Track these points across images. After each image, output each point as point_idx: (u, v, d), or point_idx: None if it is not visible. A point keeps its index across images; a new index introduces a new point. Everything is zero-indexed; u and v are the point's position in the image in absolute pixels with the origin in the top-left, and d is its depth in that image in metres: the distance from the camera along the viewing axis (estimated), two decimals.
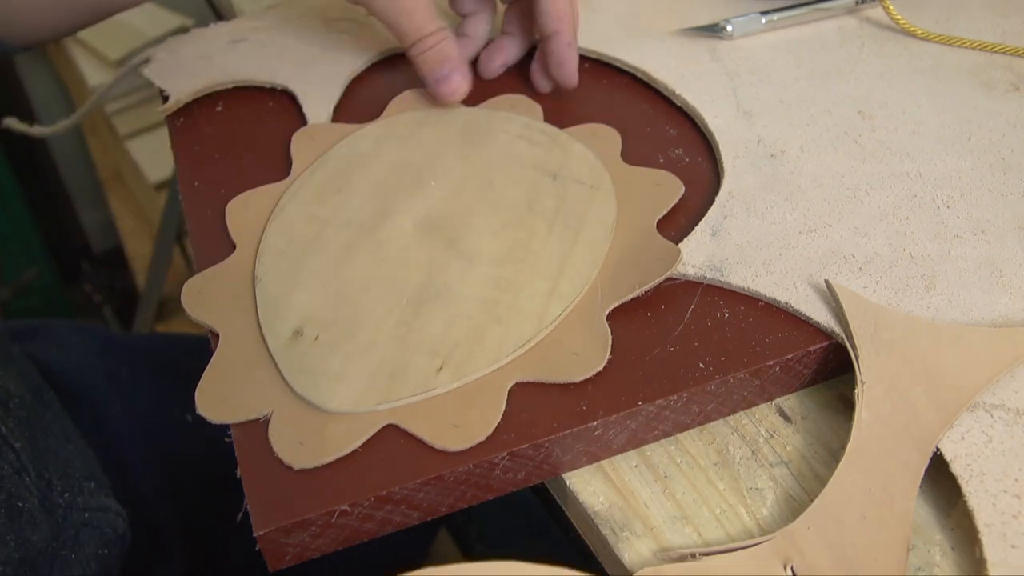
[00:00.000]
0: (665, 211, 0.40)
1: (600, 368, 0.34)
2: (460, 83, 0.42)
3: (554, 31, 0.44)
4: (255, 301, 0.37)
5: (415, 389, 0.33)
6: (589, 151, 0.43)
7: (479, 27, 0.50)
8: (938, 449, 0.31)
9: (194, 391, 0.34)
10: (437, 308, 0.36)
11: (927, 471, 0.31)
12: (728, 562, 0.29)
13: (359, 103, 0.49)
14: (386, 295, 0.37)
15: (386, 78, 0.51)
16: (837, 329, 0.35)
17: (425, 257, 0.38)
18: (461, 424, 0.32)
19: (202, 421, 0.33)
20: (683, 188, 0.41)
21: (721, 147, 0.44)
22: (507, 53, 0.49)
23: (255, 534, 0.30)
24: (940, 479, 0.32)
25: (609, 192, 0.41)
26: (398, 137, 0.44)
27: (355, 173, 0.43)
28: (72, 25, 0.49)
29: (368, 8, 0.44)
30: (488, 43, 0.50)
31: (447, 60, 0.42)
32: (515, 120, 0.45)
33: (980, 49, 0.49)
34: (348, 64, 0.51)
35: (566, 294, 0.36)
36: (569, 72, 0.45)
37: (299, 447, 0.32)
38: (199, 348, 0.37)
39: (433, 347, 0.35)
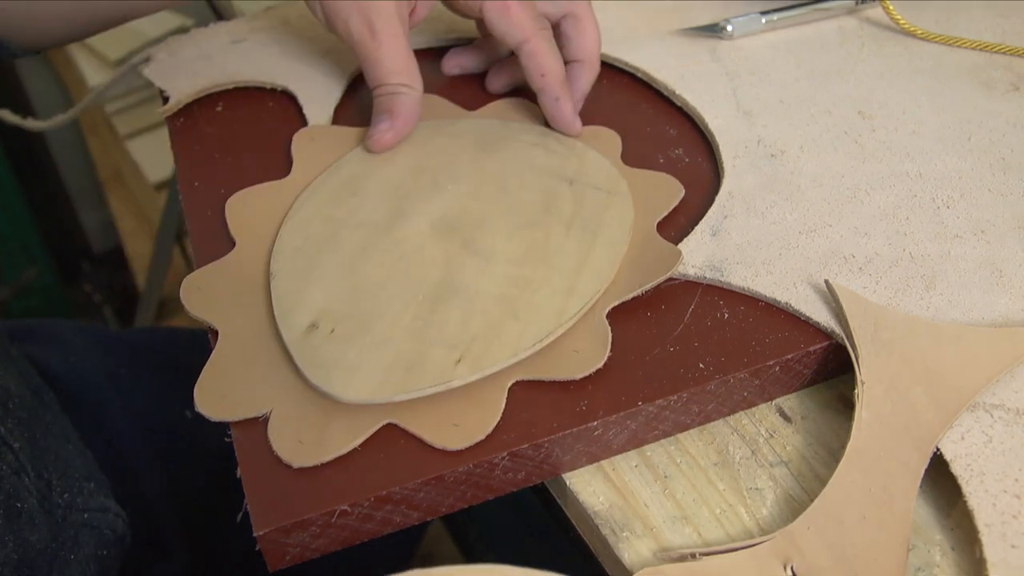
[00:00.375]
0: (665, 213, 0.40)
1: (600, 365, 0.34)
2: (384, 133, 0.44)
3: (539, 88, 0.44)
4: (256, 298, 0.37)
5: (433, 381, 0.33)
6: (605, 158, 0.43)
7: (490, 49, 0.50)
8: (938, 449, 0.31)
9: (194, 387, 0.34)
10: (454, 304, 0.36)
11: (927, 471, 0.31)
12: (728, 562, 0.29)
13: (359, 103, 0.49)
14: (402, 291, 0.37)
15: None
16: (837, 329, 0.35)
17: (442, 256, 0.38)
18: (461, 423, 0.32)
19: (202, 418, 0.33)
20: (683, 191, 0.41)
21: (721, 147, 0.44)
22: (514, 74, 0.49)
23: (255, 534, 0.30)
24: (940, 479, 0.32)
25: (626, 197, 0.41)
26: (413, 144, 0.44)
27: (370, 177, 0.43)
28: (87, 31, 0.49)
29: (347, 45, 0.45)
30: (500, 60, 0.50)
31: (388, 112, 0.44)
32: (531, 130, 0.45)
33: (980, 49, 0.49)
34: (348, 64, 0.51)
35: (584, 292, 0.36)
36: (563, 124, 0.45)
37: (299, 445, 0.32)
38: (200, 343, 0.37)
39: (451, 341, 0.34)
